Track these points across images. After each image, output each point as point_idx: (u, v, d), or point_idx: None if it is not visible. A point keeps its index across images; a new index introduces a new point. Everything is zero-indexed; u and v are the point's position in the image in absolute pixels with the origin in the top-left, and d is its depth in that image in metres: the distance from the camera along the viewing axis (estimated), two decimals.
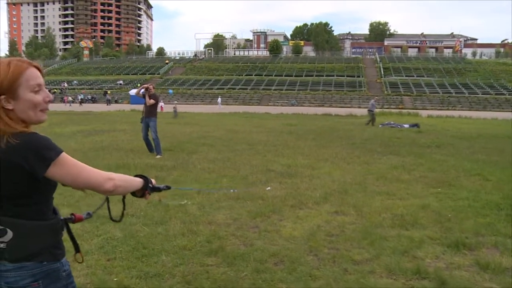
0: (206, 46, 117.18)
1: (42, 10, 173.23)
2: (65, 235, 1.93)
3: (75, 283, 1.92)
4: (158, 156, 11.43)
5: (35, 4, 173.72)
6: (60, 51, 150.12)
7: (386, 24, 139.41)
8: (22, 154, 1.64)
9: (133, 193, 2.05)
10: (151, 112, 11.94)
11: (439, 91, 57.63)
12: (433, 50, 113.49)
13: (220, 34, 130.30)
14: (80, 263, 2.02)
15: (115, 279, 4.02)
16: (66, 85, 70.46)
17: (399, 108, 44.26)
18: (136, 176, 2.04)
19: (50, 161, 1.66)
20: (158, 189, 2.15)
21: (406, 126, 22.79)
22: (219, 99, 54.31)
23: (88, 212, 2.15)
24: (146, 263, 4.38)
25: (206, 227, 5.50)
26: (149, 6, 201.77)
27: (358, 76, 67.80)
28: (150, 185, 2.06)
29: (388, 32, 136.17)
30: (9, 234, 1.69)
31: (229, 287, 3.89)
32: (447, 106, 51.20)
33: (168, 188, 2.27)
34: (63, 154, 1.71)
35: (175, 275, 4.11)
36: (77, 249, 2.03)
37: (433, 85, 60.43)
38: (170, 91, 58.79)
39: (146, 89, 11.99)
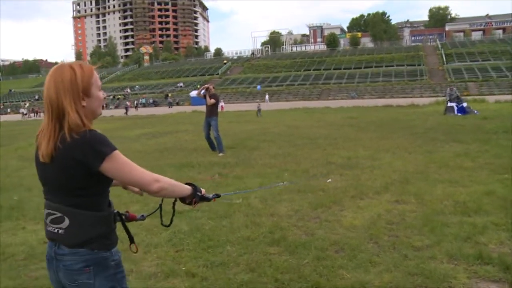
0: (263, 43, 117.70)
1: (104, 21, 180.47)
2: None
3: (124, 272, 2.05)
4: (221, 154, 11.76)
5: (97, 16, 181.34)
6: (122, 58, 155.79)
7: (446, 8, 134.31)
8: (82, 148, 1.81)
9: (182, 200, 2.16)
10: (212, 111, 12.30)
11: (508, 75, 54.94)
12: (500, 31, 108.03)
13: (276, 31, 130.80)
14: (135, 253, 2.16)
15: (183, 268, 4.30)
16: (129, 90, 73.08)
17: (464, 95, 42.64)
18: (186, 183, 2.15)
19: (105, 155, 1.82)
20: (207, 199, 2.25)
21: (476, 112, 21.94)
22: (267, 96, 54.73)
23: (142, 215, 2.30)
24: (212, 253, 4.63)
25: (269, 219, 5.70)
26: (205, 8, 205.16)
27: (419, 65, 65.85)
28: (199, 193, 2.17)
29: (449, 17, 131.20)
30: (66, 221, 1.88)
31: (291, 273, 4.06)
32: None
33: (218, 196, 2.37)
34: (117, 151, 1.86)
35: (240, 263, 4.33)
36: (131, 240, 2.19)
37: (500, 69, 57.67)
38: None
39: (207, 89, 12.40)
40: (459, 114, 21.57)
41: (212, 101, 12.21)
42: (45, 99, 1.88)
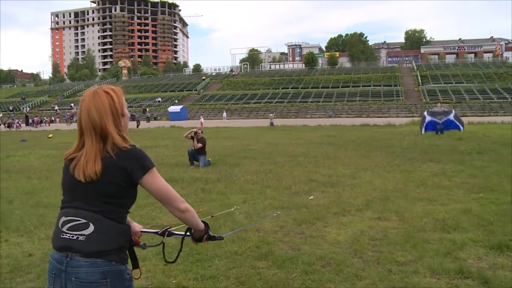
0: (241, 61, 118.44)
1: (83, 33, 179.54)
2: None
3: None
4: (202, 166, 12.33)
5: (76, 28, 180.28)
6: (100, 71, 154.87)
7: (422, 31, 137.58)
8: (127, 160, 1.99)
9: (191, 235, 2.33)
10: (200, 151, 12.86)
11: (479, 97, 56.40)
12: (472, 55, 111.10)
13: (255, 48, 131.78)
14: (136, 279, 2.15)
15: (174, 281, 4.38)
16: None
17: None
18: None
19: (147, 169, 2.01)
20: (213, 238, 2.37)
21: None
22: (224, 113, 55.19)
23: (144, 243, 2.41)
24: (201, 267, 4.72)
25: (255, 234, 5.80)
26: (185, 24, 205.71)
27: (395, 85, 67.09)
28: (210, 231, 2.33)
29: (424, 40, 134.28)
30: (91, 228, 1.94)
31: (281, 286, 4.18)
32: (489, 112, 50.07)
33: (221, 238, 2.50)
34: (155, 168, 2.06)
35: (229, 277, 4.44)
36: (135, 265, 2.22)
37: (473, 91, 59.18)
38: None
39: (195, 133, 12.99)
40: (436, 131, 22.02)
41: (200, 145, 12.76)
42: (86, 123, 2.03)
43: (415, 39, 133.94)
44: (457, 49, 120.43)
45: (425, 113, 23.71)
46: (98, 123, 2.01)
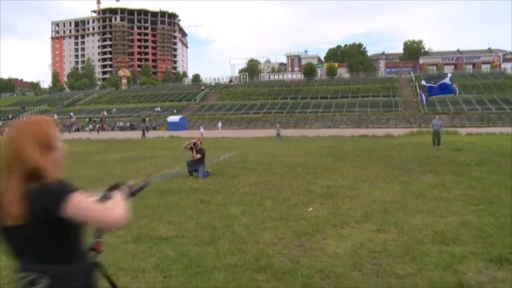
0: (241, 71, 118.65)
1: (83, 43, 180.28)
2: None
3: None
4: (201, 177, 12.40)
5: (76, 37, 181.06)
6: (99, 80, 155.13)
7: (420, 42, 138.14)
8: (47, 196, 1.78)
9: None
10: (198, 161, 12.99)
11: (478, 108, 56.52)
12: (470, 66, 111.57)
13: (254, 59, 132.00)
14: None
15: None
16: (105, 113, 72.48)
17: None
18: (109, 189, 2.15)
19: (67, 199, 1.78)
20: (139, 190, 2.26)
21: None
22: (219, 124, 55.16)
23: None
24: (201, 279, 4.71)
25: (254, 246, 5.80)
26: (184, 34, 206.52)
27: (394, 96, 67.22)
28: (132, 191, 2.20)
29: (423, 50, 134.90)
30: (46, 280, 1.78)
31: None
32: (487, 123, 50.13)
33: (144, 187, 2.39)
34: (78, 193, 1.83)
35: None
36: None
37: (471, 102, 59.29)
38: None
39: (194, 144, 13.18)
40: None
41: (199, 156, 12.94)
42: (9, 154, 1.84)
43: (413, 50, 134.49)
44: (456, 60, 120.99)
45: (422, 82, 23.21)
46: (21, 155, 1.82)
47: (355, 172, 12.95)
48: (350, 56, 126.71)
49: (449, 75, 22.48)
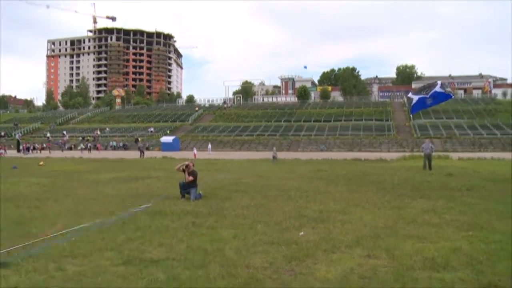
0: (235, 93, 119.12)
1: (78, 61, 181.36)
2: None
3: None
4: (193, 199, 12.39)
5: (72, 56, 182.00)
6: (93, 99, 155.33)
7: (413, 67, 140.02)
8: None
9: None
10: (191, 184, 12.92)
11: (469, 133, 57.05)
12: (462, 91, 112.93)
13: (248, 81, 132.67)
14: None
15: None
16: (98, 132, 72.39)
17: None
18: None
19: None
20: None
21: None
22: (209, 145, 55.34)
23: None
24: None
25: (244, 270, 5.79)
26: (179, 55, 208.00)
27: (387, 120, 67.77)
28: None
29: (415, 75, 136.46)
30: None
31: None
32: (479, 148, 50.55)
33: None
34: None
35: None
36: None
37: (463, 127, 59.89)
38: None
39: (187, 166, 13.13)
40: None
41: (191, 178, 12.88)
42: None
43: (406, 75, 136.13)
44: (447, 85, 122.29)
45: (410, 94, 22.82)
46: None
47: (347, 196, 12.97)
48: (343, 79, 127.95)
49: (439, 82, 22.09)
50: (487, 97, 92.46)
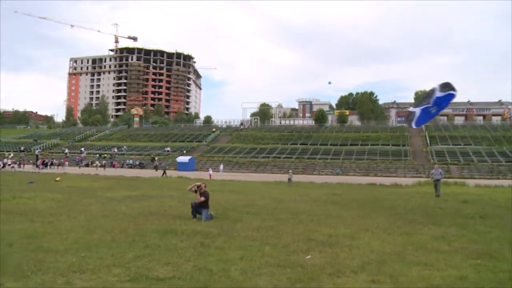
0: (252, 114, 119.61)
1: (98, 79, 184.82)
2: None
3: None
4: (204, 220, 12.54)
5: (93, 74, 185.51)
6: (112, 117, 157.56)
7: None
8: None
9: None
10: (202, 204, 13.08)
11: (488, 160, 56.33)
12: (481, 118, 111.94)
13: (266, 103, 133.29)
14: None
15: None
16: (116, 150, 73.19)
17: (445, 178, 43.38)
18: None
19: None
20: None
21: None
22: (221, 166, 55.65)
23: None
24: None
25: None
26: (198, 76, 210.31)
27: (404, 145, 67.30)
28: None
29: None
30: None
31: None
32: (497, 175, 49.83)
33: None
34: None
35: None
36: None
37: (481, 154, 59.18)
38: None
39: (198, 187, 13.30)
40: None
41: (202, 199, 13.05)
42: None
43: None
44: (466, 111, 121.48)
45: (411, 108, 22.31)
46: None
47: (358, 221, 12.94)
48: (361, 104, 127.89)
49: (436, 86, 21.41)
50: (507, 124, 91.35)
